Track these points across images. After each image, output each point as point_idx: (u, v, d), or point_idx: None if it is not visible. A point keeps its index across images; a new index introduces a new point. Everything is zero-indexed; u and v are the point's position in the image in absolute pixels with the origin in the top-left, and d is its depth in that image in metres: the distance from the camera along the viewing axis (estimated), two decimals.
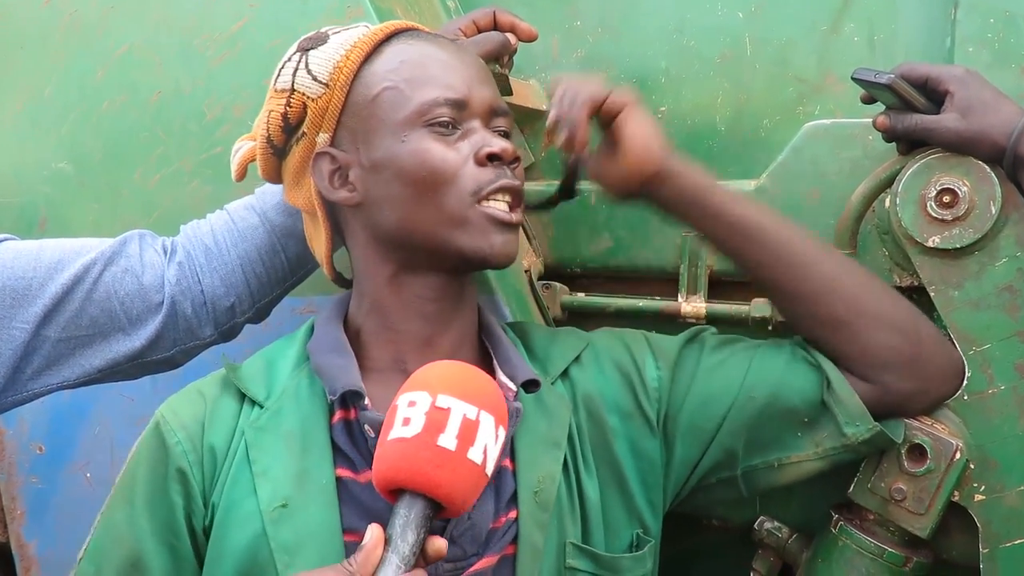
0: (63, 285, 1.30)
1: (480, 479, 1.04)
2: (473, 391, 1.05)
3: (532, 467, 1.23)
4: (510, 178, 1.22)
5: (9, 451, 1.86)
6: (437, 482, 1.01)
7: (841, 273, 1.28)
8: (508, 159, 1.22)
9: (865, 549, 1.32)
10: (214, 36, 1.65)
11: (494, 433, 1.04)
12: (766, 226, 1.28)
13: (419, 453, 1.01)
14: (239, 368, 1.27)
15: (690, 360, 1.32)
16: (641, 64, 1.55)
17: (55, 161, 1.79)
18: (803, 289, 1.28)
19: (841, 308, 1.27)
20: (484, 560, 1.19)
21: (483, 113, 1.23)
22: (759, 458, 1.31)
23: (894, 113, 1.29)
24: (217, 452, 1.21)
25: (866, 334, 1.26)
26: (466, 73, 1.24)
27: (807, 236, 1.30)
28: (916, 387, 1.28)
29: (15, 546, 1.87)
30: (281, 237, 1.39)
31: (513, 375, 1.24)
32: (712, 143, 1.52)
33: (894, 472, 1.30)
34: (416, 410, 1.03)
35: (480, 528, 1.19)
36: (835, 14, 1.45)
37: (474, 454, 1.02)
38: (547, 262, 1.61)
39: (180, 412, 1.23)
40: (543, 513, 1.21)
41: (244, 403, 1.24)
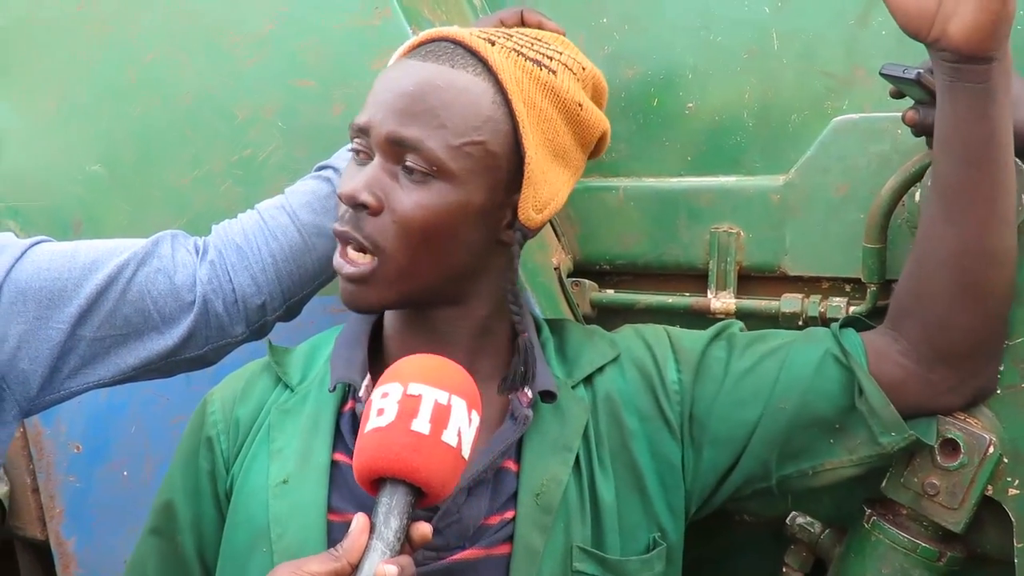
0: (98, 285, 1.32)
1: (457, 461, 1.06)
2: (443, 378, 1.07)
3: (537, 470, 1.23)
4: (345, 224, 1.18)
5: (47, 450, 1.89)
6: (415, 466, 1.03)
7: (1012, 249, 1.22)
8: (346, 204, 1.17)
9: (898, 544, 1.31)
10: (244, 38, 1.66)
11: (467, 417, 1.07)
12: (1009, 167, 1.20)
13: (395, 439, 1.04)
14: (283, 352, 1.35)
15: (717, 362, 1.30)
16: (667, 60, 1.55)
17: (88, 163, 1.81)
18: (985, 246, 1.20)
19: (992, 280, 1.21)
20: (468, 552, 1.20)
21: (381, 145, 1.18)
22: (793, 467, 1.30)
23: (923, 108, 1.28)
24: (241, 424, 1.31)
25: (974, 317, 1.22)
26: (382, 99, 1.19)
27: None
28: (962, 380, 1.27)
29: (54, 544, 1.90)
30: (311, 236, 1.40)
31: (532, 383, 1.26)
32: (740, 138, 1.51)
33: (927, 467, 1.29)
34: (389, 400, 1.06)
35: (468, 523, 1.21)
36: (863, 7, 1.44)
37: (448, 437, 1.04)
38: (576, 259, 1.61)
39: (223, 388, 1.37)
40: (545, 516, 1.21)
41: (278, 385, 1.32)
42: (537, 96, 1.21)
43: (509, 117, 1.19)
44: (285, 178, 1.51)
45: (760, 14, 1.49)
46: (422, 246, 1.18)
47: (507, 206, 1.22)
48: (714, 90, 1.52)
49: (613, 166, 1.58)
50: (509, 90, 1.19)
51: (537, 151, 1.20)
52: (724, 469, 1.30)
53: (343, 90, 1.58)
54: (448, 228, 1.18)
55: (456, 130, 1.16)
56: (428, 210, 1.17)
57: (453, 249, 1.20)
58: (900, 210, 1.36)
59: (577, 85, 1.26)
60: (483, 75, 1.20)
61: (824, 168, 1.43)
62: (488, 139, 1.18)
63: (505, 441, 1.22)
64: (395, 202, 1.17)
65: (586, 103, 1.26)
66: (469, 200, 1.18)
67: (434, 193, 1.17)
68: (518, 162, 1.20)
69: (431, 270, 1.20)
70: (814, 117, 1.46)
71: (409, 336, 1.29)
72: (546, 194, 1.23)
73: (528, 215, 1.22)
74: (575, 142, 1.27)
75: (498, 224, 1.23)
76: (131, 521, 1.81)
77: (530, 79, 1.21)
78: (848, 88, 1.45)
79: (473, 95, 1.18)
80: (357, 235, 1.18)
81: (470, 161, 1.17)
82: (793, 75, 1.48)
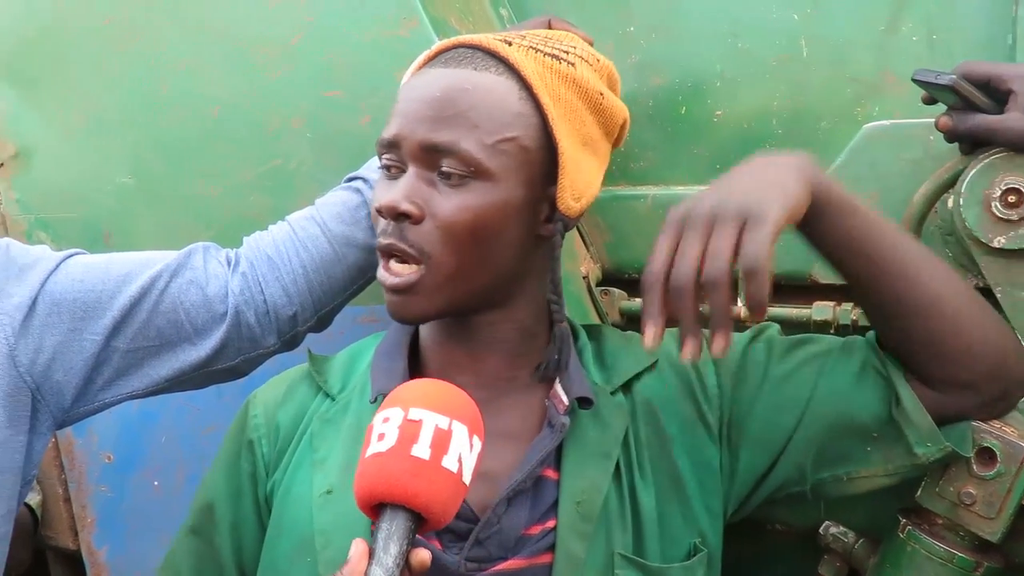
0: (131, 297, 1.33)
1: (458, 487, 1.05)
2: (444, 403, 1.06)
3: (577, 478, 1.22)
4: (388, 236, 1.18)
5: (79, 460, 1.90)
6: (414, 491, 1.02)
7: (945, 291, 1.21)
8: (387, 216, 1.17)
9: (934, 554, 1.30)
10: (272, 49, 1.67)
11: (468, 443, 1.05)
12: (880, 236, 1.19)
13: (394, 464, 1.03)
14: (322, 361, 1.36)
15: (755, 364, 1.30)
16: (696, 68, 1.54)
17: (118, 175, 1.82)
18: (903, 305, 1.20)
19: (938, 327, 1.20)
20: (510, 562, 1.20)
21: (415, 155, 1.18)
22: (828, 472, 1.29)
23: (956, 113, 1.28)
24: (283, 429, 1.32)
25: (957, 357, 1.21)
26: (409, 110, 1.19)
27: (913, 245, 1.23)
28: (992, 399, 1.25)
29: (86, 553, 1.91)
30: (341, 246, 1.40)
31: (568, 388, 1.25)
32: (769, 146, 1.50)
33: (963, 476, 1.28)
34: (390, 425, 1.05)
35: (509, 533, 1.20)
36: (892, 13, 1.43)
37: (448, 462, 1.03)
38: (605, 267, 1.61)
39: (264, 392, 1.37)
40: (586, 524, 1.21)
41: (319, 394, 1.32)
42: (561, 88, 1.22)
43: (537, 111, 1.21)
44: (314, 188, 1.51)
45: (789, 21, 1.49)
46: (468, 249, 1.18)
47: (543, 200, 1.23)
48: (742, 98, 1.52)
49: (641, 174, 1.58)
50: (534, 85, 1.20)
51: (568, 141, 1.22)
52: (761, 472, 1.29)
53: (371, 100, 1.59)
54: (492, 227, 1.18)
55: (489, 129, 1.17)
56: (472, 211, 1.17)
57: (498, 249, 1.20)
58: (932, 217, 1.36)
59: (595, 75, 1.28)
60: (506, 74, 1.21)
61: (855, 175, 1.42)
62: (520, 134, 1.19)
63: (543, 450, 1.22)
64: (436, 208, 1.17)
65: (606, 92, 1.28)
66: (509, 197, 1.19)
67: (475, 194, 1.17)
68: (550, 155, 1.21)
69: (478, 272, 1.20)
70: (844, 124, 1.45)
71: (449, 345, 1.28)
72: (582, 183, 1.24)
73: (567, 204, 1.23)
74: (600, 131, 1.28)
75: (536, 219, 1.23)
76: (162, 530, 1.82)
77: (552, 73, 1.23)
78: (878, 94, 1.45)
79: (500, 93, 1.19)
80: (403, 245, 1.17)
81: (505, 158, 1.18)
82: (822, 82, 1.47)
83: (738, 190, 1.09)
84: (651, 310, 1.08)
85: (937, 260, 1.24)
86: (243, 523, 1.33)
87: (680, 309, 1.07)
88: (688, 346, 1.07)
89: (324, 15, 1.64)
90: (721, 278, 1.04)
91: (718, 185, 1.13)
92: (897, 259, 1.19)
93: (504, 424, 1.25)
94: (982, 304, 1.25)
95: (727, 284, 1.05)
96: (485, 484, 1.21)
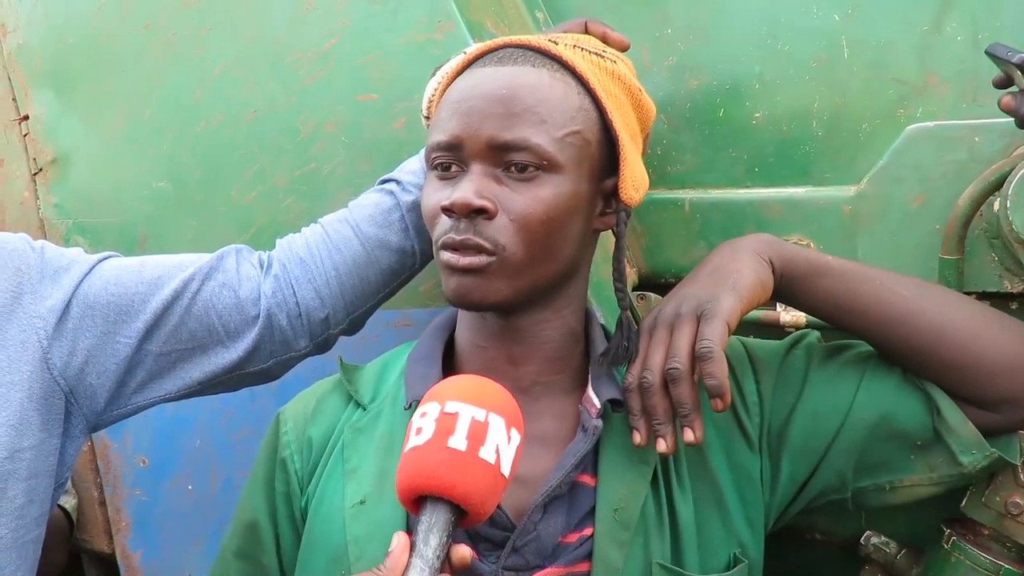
0: (164, 300, 1.33)
1: (496, 479, 1.05)
2: (481, 396, 1.07)
3: (615, 484, 1.21)
4: (461, 232, 1.18)
5: (114, 464, 1.91)
6: (451, 482, 1.02)
7: (953, 318, 1.22)
8: (460, 213, 1.17)
9: (980, 565, 1.27)
10: (307, 54, 1.67)
11: (505, 435, 1.06)
12: (862, 289, 1.24)
13: (432, 456, 1.04)
14: (353, 370, 1.35)
15: (795, 372, 1.28)
16: (734, 70, 1.52)
17: (155, 180, 1.83)
18: (908, 347, 1.23)
19: (955, 356, 1.21)
20: (547, 571, 1.18)
21: (480, 153, 1.18)
22: (869, 480, 1.27)
23: (1021, 95, 1.24)
24: (314, 444, 1.31)
25: (985, 378, 1.20)
26: (470, 108, 1.19)
27: (900, 283, 1.25)
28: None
29: (120, 557, 1.92)
30: (374, 249, 1.40)
31: (600, 391, 1.24)
32: (809, 149, 1.48)
33: (1010, 485, 1.25)
34: (427, 419, 1.06)
35: (546, 541, 1.19)
36: (936, 12, 1.40)
37: (486, 453, 1.04)
38: (642, 272, 1.59)
39: (294, 407, 1.36)
40: (624, 532, 1.19)
41: (350, 404, 1.32)
42: (610, 84, 1.26)
43: (595, 106, 1.23)
44: (348, 192, 1.51)
45: (829, 21, 1.46)
46: (540, 240, 1.19)
47: (599, 193, 1.25)
48: (782, 100, 1.49)
49: (679, 178, 1.56)
50: (590, 80, 1.23)
51: (624, 134, 1.24)
52: (802, 480, 1.28)
53: (406, 104, 1.58)
54: (561, 219, 1.20)
55: (557, 123, 1.19)
56: (546, 203, 1.18)
57: (564, 241, 1.21)
58: (978, 220, 1.33)
59: (631, 73, 1.32)
60: (561, 71, 1.23)
61: (898, 178, 1.39)
62: (583, 128, 1.21)
63: (577, 454, 1.21)
64: (508, 202, 1.18)
65: (643, 88, 1.31)
66: (577, 189, 1.21)
67: (547, 187, 1.19)
68: (607, 148, 1.24)
69: (545, 264, 1.21)
70: (886, 126, 1.43)
71: (489, 348, 1.27)
72: (639, 174, 1.27)
73: (629, 194, 1.24)
74: (639, 126, 1.31)
75: (593, 212, 1.25)
76: (196, 534, 1.83)
77: (600, 70, 1.26)
78: (921, 95, 1.42)
79: (562, 89, 1.21)
80: (478, 240, 1.17)
81: (572, 151, 1.20)
82: (863, 83, 1.45)
83: (693, 292, 1.22)
84: (635, 412, 1.20)
85: (939, 289, 1.27)
86: (284, 541, 1.33)
87: (650, 407, 1.18)
88: (660, 443, 1.18)
89: (359, 19, 1.64)
90: (679, 374, 1.16)
91: (678, 289, 1.25)
92: (886, 308, 1.23)
93: (539, 429, 1.24)
94: (1002, 321, 1.24)
95: (688, 379, 1.16)
96: (521, 490, 1.20)
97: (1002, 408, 1.22)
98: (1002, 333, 1.22)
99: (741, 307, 1.20)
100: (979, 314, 1.24)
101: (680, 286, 1.25)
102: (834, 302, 1.25)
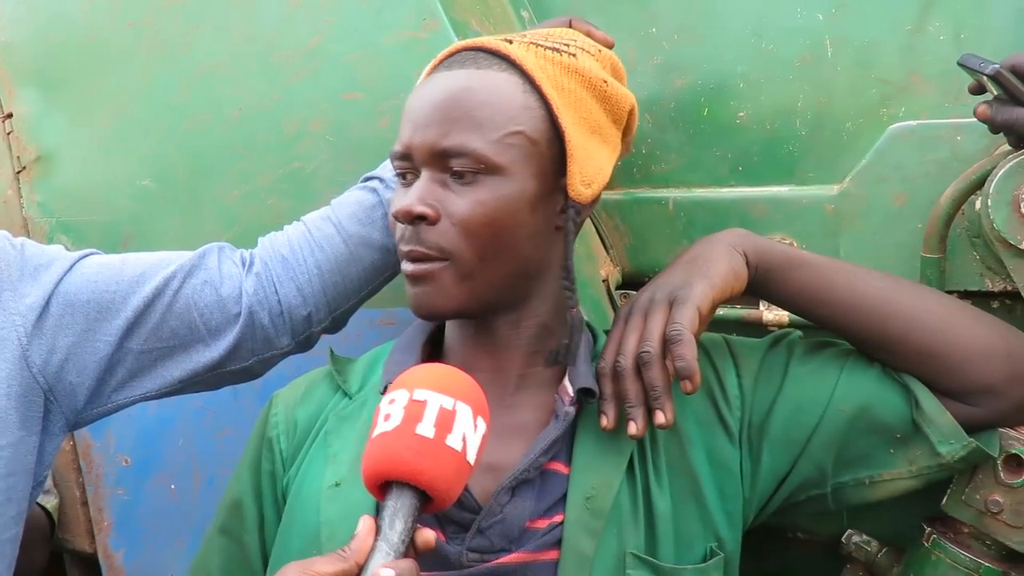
0: (145, 298, 1.32)
1: (462, 466, 1.06)
2: (449, 385, 1.08)
3: (588, 472, 1.22)
4: (407, 242, 1.20)
5: (96, 463, 1.90)
6: (419, 469, 1.03)
7: (925, 309, 1.24)
8: (404, 221, 1.19)
9: (960, 563, 1.27)
10: (292, 52, 1.67)
11: (472, 423, 1.07)
12: (835, 281, 1.26)
13: (399, 442, 1.04)
14: (345, 362, 1.37)
15: (776, 367, 1.29)
16: (719, 69, 1.52)
17: (139, 178, 1.83)
18: (883, 336, 1.24)
19: (929, 346, 1.22)
20: (514, 555, 1.19)
21: (427, 160, 1.20)
22: (849, 474, 1.27)
23: (997, 104, 1.23)
24: (300, 427, 1.33)
25: (961, 367, 1.21)
26: (416, 116, 1.21)
27: (873, 275, 1.27)
28: (1015, 405, 1.23)
29: (102, 556, 1.91)
30: (357, 246, 1.39)
31: (575, 381, 1.25)
32: (793, 148, 1.48)
33: (990, 484, 1.25)
34: (395, 406, 1.06)
35: (512, 523, 1.19)
36: (919, 12, 1.41)
37: (452, 441, 1.05)
38: (625, 271, 1.59)
39: (285, 392, 1.38)
40: (596, 520, 1.20)
41: (338, 392, 1.34)
42: (564, 79, 1.24)
43: (542, 103, 1.22)
44: (333, 191, 1.50)
45: (813, 21, 1.47)
46: (488, 243, 1.19)
47: (558, 191, 1.24)
48: (766, 99, 1.50)
49: (663, 177, 1.56)
50: (536, 77, 1.22)
51: (574, 129, 1.23)
52: (783, 473, 1.28)
53: (391, 102, 1.58)
54: (507, 221, 1.20)
55: (494, 125, 1.19)
56: (486, 206, 1.19)
57: (516, 242, 1.21)
58: (959, 219, 1.33)
59: (598, 65, 1.30)
60: (509, 70, 1.23)
61: (881, 177, 1.39)
62: (526, 127, 1.21)
63: (547, 439, 1.21)
64: (451, 207, 1.19)
65: (610, 80, 1.29)
66: (522, 189, 1.20)
67: (487, 189, 1.19)
68: (559, 145, 1.23)
69: (498, 267, 1.21)
70: (869, 125, 1.43)
71: (471, 345, 1.29)
72: (591, 169, 1.26)
73: (577, 190, 1.24)
74: (608, 118, 1.30)
75: (553, 211, 1.25)
76: (179, 534, 1.82)
77: (553, 65, 1.25)
78: (904, 94, 1.42)
79: (503, 89, 1.21)
80: (423, 248, 1.19)
81: (513, 151, 1.20)
82: (847, 83, 1.45)
83: (667, 281, 1.25)
84: (605, 396, 1.22)
85: (908, 282, 1.29)
86: (267, 521, 1.34)
87: (623, 391, 1.20)
88: (631, 425, 1.19)
89: (344, 18, 1.64)
90: (651, 357, 1.19)
91: (655, 279, 1.27)
92: (859, 298, 1.25)
93: (516, 419, 1.26)
94: (973, 311, 1.26)
95: (659, 362, 1.18)
96: (492, 476, 1.21)
97: (980, 399, 1.22)
98: (975, 322, 1.24)
99: (713, 294, 1.22)
100: (951, 304, 1.26)
101: (657, 276, 1.27)
102: (809, 294, 1.26)
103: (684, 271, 1.25)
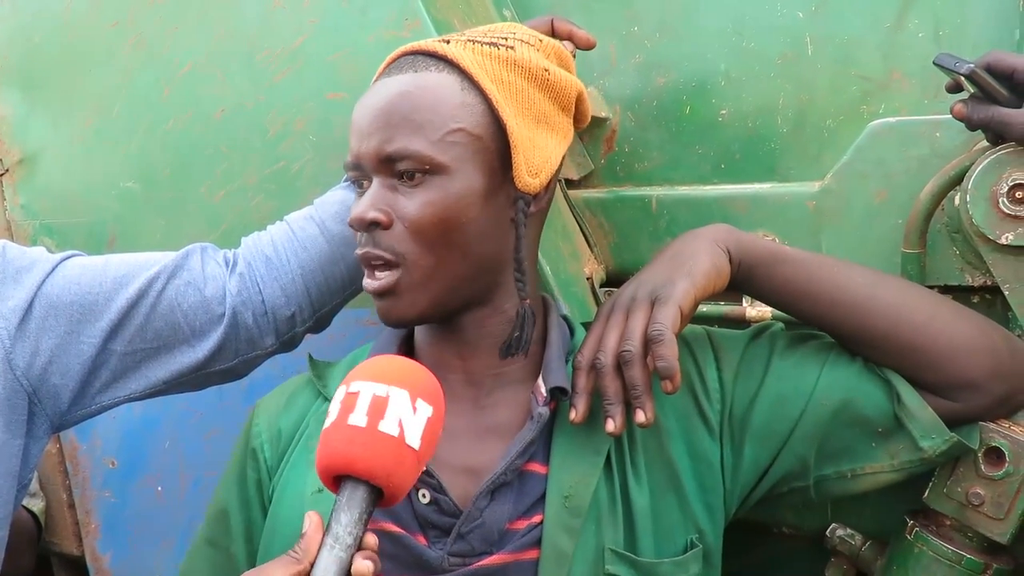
0: (129, 299, 1.32)
1: (402, 450, 1.05)
2: (384, 373, 1.08)
3: (565, 472, 1.22)
4: (363, 247, 1.21)
5: (83, 466, 1.90)
6: (352, 458, 1.04)
7: (908, 304, 1.24)
8: (358, 228, 1.21)
9: (942, 556, 1.28)
10: (275, 52, 1.67)
11: (410, 407, 1.06)
12: (819, 275, 1.26)
13: (334, 435, 1.05)
14: (323, 366, 1.37)
15: (758, 360, 1.29)
16: (700, 67, 1.53)
17: (123, 179, 1.82)
18: (866, 331, 1.25)
19: (912, 340, 1.23)
20: (495, 557, 1.19)
21: (375, 167, 1.21)
22: (832, 467, 1.28)
23: (973, 102, 1.25)
24: (283, 434, 1.34)
25: (943, 362, 1.22)
26: (361, 125, 1.22)
27: (856, 270, 1.27)
28: (996, 400, 1.24)
29: (89, 559, 1.91)
30: (340, 246, 1.40)
31: (548, 380, 1.25)
32: (774, 145, 1.49)
33: (971, 476, 1.26)
34: (335, 403, 1.08)
35: (491, 527, 1.20)
36: (899, 10, 1.42)
37: (386, 427, 1.04)
38: (609, 268, 1.59)
39: (267, 400, 1.39)
40: (574, 519, 1.20)
41: (319, 398, 1.34)
42: (502, 72, 1.24)
43: (481, 98, 1.22)
44: (317, 190, 1.51)
45: (794, 19, 1.47)
46: (440, 242, 1.20)
47: (507, 183, 1.24)
48: (748, 96, 1.50)
49: (646, 175, 1.57)
50: (473, 73, 1.22)
51: (517, 120, 1.23)
52: (765, 465, 1.28)
53: None
54: (458, 218, 1.20)
55: (434, 125, 1.20)
56: (435, 205, 1.19)
57: (469, 239, 1.21)
58: (939, 214, 1.34)
59: (539, 55, 1.29)
60: (447, 70, 1.23)
61: (861, 173, 1.40)
62: (466, 124, 1.21)
63: (523, 441, 1.22)
64: (401, 210, 1.20)
65: (552, 68, 1.29)
66: (470, 185, 1.21)
67: (435, 189, 1.20)
68: (503, 139, 1.23)
69: (456, 265, 1.21)
70: (850, 122, 1.44)
71: (440, 346, 1.29)
72: (538, 159, 1.25)
73: (524, 181, 1.24)
74: (554, 106, 1.29)
75: (506, 204, 1.25)
76: (166, 536, 1.82)
77: (491, 59, 1.24)
78: (884, 92, 1.43)
79: (441, 89, 1.21)
80: (377, 252, 1.20)
81: (456, 149, 1.20)
82: (828, 80, 1.46)
83: (649, 278, 1.24)
84: (578, 390, 1.22)
85: (891, 277, 1.29)
86: (254, 530, 1.34)
87: (602, 388, 1.20)
88: (609, 423, 1.19)
89: (327, 17, 1.63)
90: (632, 356, 1.18)
91: (637, 276, 1.27)
92: (842, 292, 1.25)
93: (492, 420, 1.26)
94: (955, 306, 1.26)
95: (640, 361, 1.18)
96: (471, 478, 1.22)
97: (961, 395, 1.23)
98: (956, 317, 1.24)
99: (695, 292, 1.22)
100: (934, 299, 1.26)
101: (639, 272, 1.27)
102: (792, 288, 1.26)
103: (666, 268, 1.25)
